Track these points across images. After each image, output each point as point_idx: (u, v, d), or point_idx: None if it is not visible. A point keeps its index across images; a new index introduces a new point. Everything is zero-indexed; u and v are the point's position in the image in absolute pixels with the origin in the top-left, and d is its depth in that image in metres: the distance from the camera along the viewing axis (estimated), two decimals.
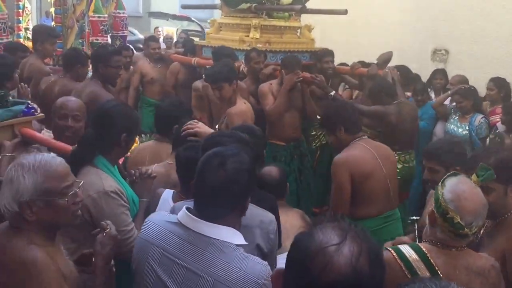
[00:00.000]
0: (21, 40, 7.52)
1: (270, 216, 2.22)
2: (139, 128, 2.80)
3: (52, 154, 1.99)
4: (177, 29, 14.31)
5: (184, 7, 7.18)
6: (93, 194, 2.38)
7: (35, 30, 5.80)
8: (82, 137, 2.58)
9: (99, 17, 6.30)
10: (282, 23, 5.88)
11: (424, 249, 2.01)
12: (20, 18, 7.97)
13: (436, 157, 2.97)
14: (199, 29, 13.97)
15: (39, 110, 3.03)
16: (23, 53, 5.35)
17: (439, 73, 6.19)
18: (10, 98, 3.02)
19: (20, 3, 7.98)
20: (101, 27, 6.29)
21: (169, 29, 13.97)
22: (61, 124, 3.07)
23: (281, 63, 5.21)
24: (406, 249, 2.02)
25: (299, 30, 6.07)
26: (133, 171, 2.67)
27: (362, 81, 5.57)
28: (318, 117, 4.52)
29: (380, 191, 3.45)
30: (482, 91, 5.56)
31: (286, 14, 5.89)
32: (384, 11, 8.03)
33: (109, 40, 6.53)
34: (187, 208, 1.82)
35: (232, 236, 1.77)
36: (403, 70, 5.57)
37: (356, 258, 1.11)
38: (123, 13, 6.75)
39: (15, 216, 1.77)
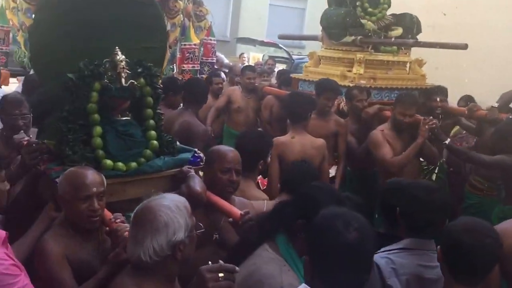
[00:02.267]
0: None
1: None
2: None
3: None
4: (263, 55, 14.15)
5: (281, 37, 6.85)
6: None
7: None
8: (277, 204, 2.23)
9: (184, 44, 6.31)
10: (389, 57, 5.38)
11: None
12: None
13: None
14: (286, 55, 13.72)
15: (204, 160, 2.74)
16: None
17: None
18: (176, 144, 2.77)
19: None
20: (187, 55, 6.25)
21: (255, 55, 13.85)
22: (224, 178, 2.66)
23: (395, 101, 4.54)
24: None
25: (408, 65, 5.55)
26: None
27: (481, 125, 4.92)
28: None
29: None
30: None
31: (395, 47, 5.40)
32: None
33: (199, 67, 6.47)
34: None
35: None
36: None
37: None
38: (214, 40, 6.75)
39: (162, 261, 1.75)
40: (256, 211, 2.57)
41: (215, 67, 7.42)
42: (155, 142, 2.65)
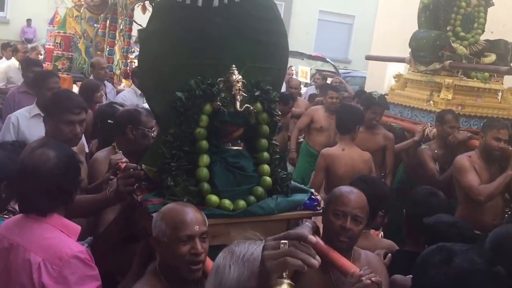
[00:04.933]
0: None
1: None
2: None
3: None
4: (311, 69, 13.91)
5: (368, 58, 6.48)
6: None
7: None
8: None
9: None
10: (480, 84, 4.94)
11: None
12: None
13: None
14: (333, 69, 13.42)
15: (322, 204, 2.34)
16: None
17: None
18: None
19: None
20: None
21: (303, 68, 13.64)
22: (336, 224, 2.24)
23: (484, 127, 4.20)
24: None
25: (500, 93, 5.09)
26: None
27: None
28: None
29: None
30: None
31: (486, 74, 4.95)
32: None
33: None
34: None
35: None
36: None
37: None
38: None
39: None
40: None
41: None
42: (268, 178, 2.26)
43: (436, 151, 4.47)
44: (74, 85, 6.48)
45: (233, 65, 2.16)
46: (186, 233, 1.82)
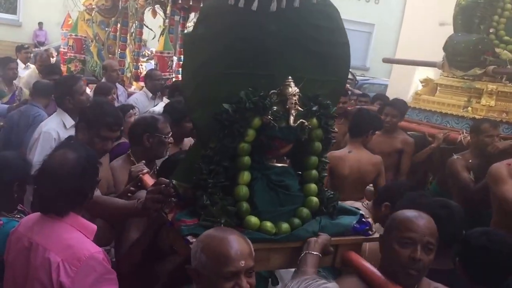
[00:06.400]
0: (180, 77, 7.36)
1: None
2: None
3: None
4: None
5: (386, 61, 6.12)
6: None
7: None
8: None
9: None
10: None
11: None
12: (182, 56, 7.55)
13: None
14: (350, 76, 13.19)
15: (374, 229, 2.08)
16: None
17: None
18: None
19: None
20: None
21: None
22: (403, 255, 1.87)
23: None
24: None
25: None
26: None
27: None
28: None
29: None
30: None
31: None
32: None
33: None
34: None
35: None
36: None
37: None
38: None
39: None
40: None
41: None
42: (315, 199, 2.02)
43: (470, 161, 4.21)
44: (87, 88, 6.30)
45: (289, 77, 1.92)
46: (230, 269, 1.59)
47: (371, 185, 4.13)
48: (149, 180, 2.41)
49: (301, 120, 1.89)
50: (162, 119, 2.99)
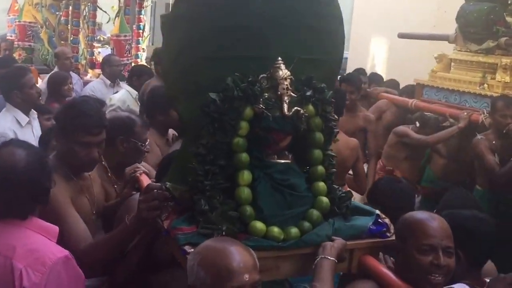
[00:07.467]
0: (139, 61, 7.15)
1: None
2: None
3: None
4: None
5: (402, 36, 5.87)
6: None
7: (158, 52, 5.07)
8: None
9: None
10: None
11: None
12: (140, 39, 7.37)
13: None
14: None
15: (392, 230, 1.88)
16: (149, 77, 4.88)
17: None
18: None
19: (140, 23, 7.41)
20: None
21: None
22: (425, 262, 1.78)
23: None
24: None
25: None
26: None
27: None
28: None
29: None
30: None
31: None
32: None
33: None
34: None
35: None
36: None
37: None
38: None
39: None
40: None
41: None
42: (325, 199, 1.82)
43: (494, 142, 3.99)
44: (39, 79, 6.06)
45: (279, 58, 1.73)
46: (232, 284, 1.41)
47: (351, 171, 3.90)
48: (146, 181, 2.22)
49: (295, 108, 1.70)
50: (139, 122, 2.62)
